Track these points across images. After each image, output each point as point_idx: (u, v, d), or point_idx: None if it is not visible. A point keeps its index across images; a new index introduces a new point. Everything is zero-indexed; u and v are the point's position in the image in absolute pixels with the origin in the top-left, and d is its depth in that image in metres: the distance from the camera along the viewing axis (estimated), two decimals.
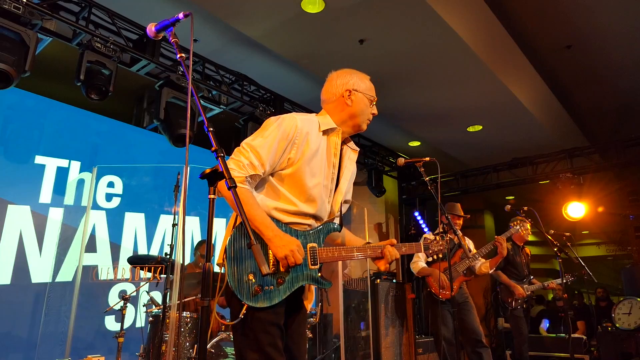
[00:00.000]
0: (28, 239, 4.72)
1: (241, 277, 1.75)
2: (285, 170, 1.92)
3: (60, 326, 4.68)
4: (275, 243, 1.76)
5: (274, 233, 1.78)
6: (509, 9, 5.35)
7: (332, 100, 2.10)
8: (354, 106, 2.07)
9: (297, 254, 1.77)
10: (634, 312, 5.77)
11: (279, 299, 1.78)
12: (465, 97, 6.31)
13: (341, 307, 5.46)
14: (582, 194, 7.21)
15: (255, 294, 1.74)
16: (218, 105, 5.69)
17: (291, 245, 1.77)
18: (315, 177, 1.94)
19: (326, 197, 2.01)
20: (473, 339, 4.30)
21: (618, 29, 5.50)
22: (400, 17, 4.66)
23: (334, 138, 2.04)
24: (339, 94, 2.09)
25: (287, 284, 1.82)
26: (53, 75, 5.37)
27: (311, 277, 1.90)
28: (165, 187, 5.34)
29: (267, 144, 1.86)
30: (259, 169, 1.84)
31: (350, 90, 2.07)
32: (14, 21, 3.77)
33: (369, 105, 2.11)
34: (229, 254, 1.76)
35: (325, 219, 2.03)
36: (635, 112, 7.48)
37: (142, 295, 5.14)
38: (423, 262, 4.62)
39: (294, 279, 1.85)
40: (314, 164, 1.95)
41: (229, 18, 4.71)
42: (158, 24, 1.68)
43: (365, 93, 2.10)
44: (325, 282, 1.93)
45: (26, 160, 4.89)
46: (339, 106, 2.08)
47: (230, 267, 1.74)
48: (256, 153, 1.84)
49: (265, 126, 1.94)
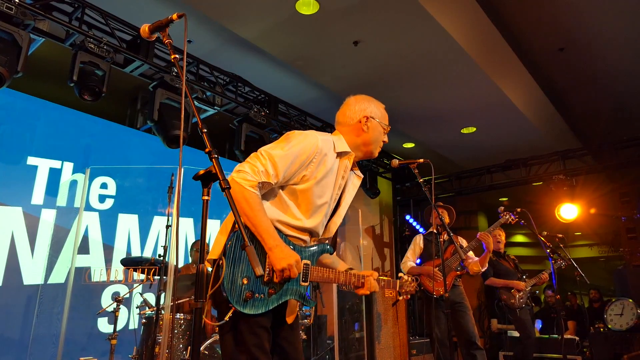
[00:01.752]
0: (20, 241, 4.69)
1: (235, 279, 1.75)
2: (298, 186, 1.93)
3: (52, 328, 4.65)
4: (276, 254, 1.77)
5: (276, 243, 1.78)
6: (502, 12, 5.38)
7: (348, 124, 2.13)
8: (370, 133, 2.11)
9: (295, 268, 1.78)
10: (626, 313, 5.81)
11: (265, 308, 1.79)
12: (459, 99, 6.34)
13: (335, 308, 5.46)
14: (574, 196, 7.25)
15: (246, 299, 1.75)
16: (212, 106, 5.67)
17: (291, 259, 1.78)
18: (323, 197, 1.98)
19: (326, 218, 2.05)
20: (468, 340, 4.30)
21: (610, 31, 5.55)
22: (394, 19, 4.67)
23: (345, 161, 2.07)
24: (356, 119, 2.12)
25: (277, 295, 1.84)
26: (46, 76, 5.33)
27: (299, 294, 1.92)
28: (159, 189, 5.32)
29: (286, 157, 1.87)
30: (273, 179, 1.85)
31: (368, 117, 2.11)
32: (6, 21, 3.75)
33: (382, 133, 2.16)
34: (228, 254, 1.76)
35: (319, 237, 2.07)
36: (628, 114, 7.55)
37: (135, 297, 5.12)
38: (412, 262, 4.65)
39: (284, 292, 1.86)
40: (324, 184, 1.98)
41: (224, 19, 4.71)
42: (152, 25, 1.68)
43: (380, 122, 2.14)
44: (310, 301, 1.98)
45: (18, 161, 4.85)
46: (354, 131, 2.12)
47: (228, 266, 1.74)
48: (274, 163, 1.85)
49: (287, 139, 1.95)
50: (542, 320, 8.08)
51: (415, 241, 4.77)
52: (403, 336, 5.88)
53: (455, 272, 4.44)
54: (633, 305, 5.78)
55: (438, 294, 4.33)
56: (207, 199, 1.47)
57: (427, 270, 4.44)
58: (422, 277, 4.51)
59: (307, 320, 4.78)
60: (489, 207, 10.70)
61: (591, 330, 6.05)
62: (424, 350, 5.99)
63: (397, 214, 9.14)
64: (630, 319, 5.74)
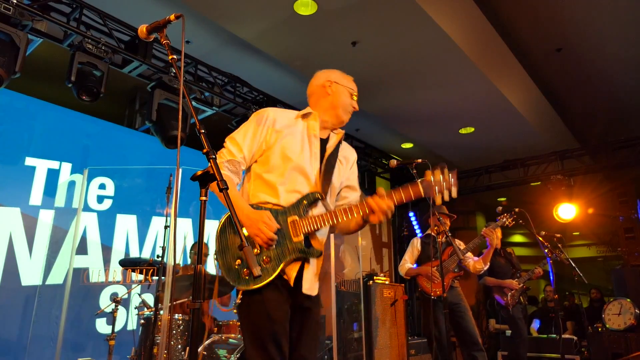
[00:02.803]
0: (18, 241, 4.68)
1: (230, 265, 1.84)
2: (265, 155, 1.99)
3: (50, 329, 4.64)
4: (246, 224, 1.81)
5: (245, 216, 1.82)
6: (500, 13, 5.39)
7: (314, 92, 2.21)
8: (334, 96, 2.16)
9: (265, 229, 1.78)
10: (624, 313, 5.82)
11: (269, 276, 1.80)
12: (458, 100, 6.35)
13: (334, 308, 5.46)
14: (572, 196, 7.27)
15: (246, 276, 1.81)
16: (210, 106, 5.67)
17: (257, 222, 1.78)
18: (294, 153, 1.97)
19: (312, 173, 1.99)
20: (470, 341, 4.29)
21: (608, 32, 5.57)
22: (392, 19, 4.68)
23: (312, 122, 2.10)
24: (319, 84, 2.20)
25: (274, 261, 1.83)
26: (44, 77, 5.33)
27: (298, 249, 1.87)
28: (157, 189, 5.32)
29: (242, 132, 2.02)
30: (237, 154, 1.98)
31: (331, 82, 2.18)
32: (4, 22, 3.75)
33: (349, 97, 2.19)
34: (217, 248, 1.88)
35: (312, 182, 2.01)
36: (625, 115, 7.56)
37: (133, 298, 5.11)
38: (410, 264, 4.64)
39: (280, 255, 1.84)
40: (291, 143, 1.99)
41: (222, 20, 4.71)
42: (150, 26, 1.68)
43: (345, 86, 2.20)
44: (314, 250, 1.91)
45: (16, 162, 4.84)
46: (320, 97, 2.18)
47: (221, 259, 1.85)
48: (232, 140, 2.01)
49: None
50: (541, 320, 8.09)
51: (413, 244, 4.77)
52: (401, 336, 5.89)
53: (452, 274, 4.44)
54: (631, 305, 5.80)
55: (435, 295, 4.33)
56: (205, 200, 1.47)
57: (425, 271, 4.44)
58: (419, 278, 4.51)
59: None
60: (487, 207, 10.70)
61: (589, 330, 6.06)
62: (422, 351, 5.99)
63: (395, 214, 9.14)
64: (628, 318, 5.75)
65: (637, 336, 5.58)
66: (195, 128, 1.55)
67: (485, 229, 4.51)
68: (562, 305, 8.59)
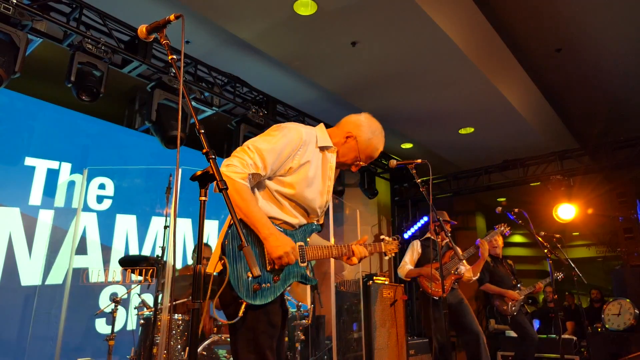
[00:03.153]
0: (17, 241, 4.68)
1: (240, 275, 1.77)
2: (285, 178, 1.97)
3: (50, 329, 4.63)
4: (270, 242, 1.81)
5: (270, 232, 1.82)
6: (500, 13, 5.40)
7: (340, 127, 2.22)
8: (344, 147, 2.16)
9: (292, 255, 1.83)
10: (623, 313, 5.82)
11: (273, 296, 1.84)
12: (457, 100, 6.35)
13: (333, 308, 5.46)
14: (572, 196, 7.27)
15: (255, 291, 1.78)
16: (210, 107, 5.67)
17: (286, 246, 1.81)
18: (311, 187, 2.02)
19: (319, 207, 2.10)
20: (473, 335, 4.29)
21: (608, 32, 5.57)
22: (392, 19, 4.68)
23: (328, 155, 2.13)
24: (345, 129, 2.18)
25: (281, 281, 1.88)
26: (43, 77, 5.33)
27: (301, 275, 1.97)
28: (157, 189, 5.31)
29: (273, 150, 1.91)
30: (262, 171, 1.89)
31: (351, 136, 2.16)
32: (4, 22, 3.74)
33: (352, 159, 2.18)
34: (228, 252, 1.78)
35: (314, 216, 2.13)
36: (625, 115, 7.57)
37: (133, 298, 5.11)
38: (410, 265, 4.63)
39: (287, 277, 1.91)
40: (311, 175, 2.02)
41: (221, 20, 4.71)
42: (149, 26, 1.68)
43: (359, 148, 2.17)
44: (312, 279, 2.04)
45: (16, 162, 4.84)
46: (337, 136, 2.18)
47: (231, 265, 1.77)
48: (262, 156, 1.88)
49: (272, 132, 1.99)
50: (540, 320, 8.09)
51: (413, 247, 4.76)
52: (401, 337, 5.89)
53: (454, 276, 4.44)
54: (630, 305, 5.80)
55: (437, 295, 4.33)
56: (204, 200, 1.47)
57: (426, 271, 4.45)
58: (420, 278, 4.51)
59: (306, 320, 4.77)
60: (487, 207, 10.71)
61: (589, 330, 6.06)
62: (421, 351, 5.99)
63: (395, 215, 9.15)
64: (628, 319, 5.75)
65: (637, 336, 5.58)
66: (195, 128, 1.55)
67: (480, 239, 4.53)
68: (562, 305, 8.59)
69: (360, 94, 6.22)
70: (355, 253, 2.15)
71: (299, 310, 4.74)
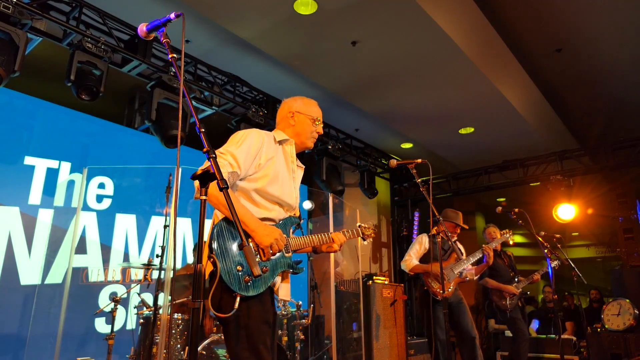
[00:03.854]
0: (17, 241, 4.67)
1: (231, 269, 1.86)
2: (255, 175, 2.10)
3: (49, 328, 4.63)
4: (259, 233, 1.93)
5: (257, 224, 1.95)
6: (500, 12, 5.39)
7: (280, 120, 2.40)
8: (297, 125, 2.35)
9: (280, 242, 1.97)
10: (623, 314, 5.82)
11: (265, 286, 1.94)
12: (457, 99, 6.35)
13: (333, 308, 5.46)
14: (572, 196, 7.27)
15: (247, 283, 1.87)
16: (210, 106, 5.67)
17: (274, 234, 1.96)
18: (280, 179, 2.16)
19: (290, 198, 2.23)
20: (469, 339, 4.30)
21: (608, 32, 5.57)
22: (392, 19, 4.68)
23: (287, 147, 2.30)
24: (284, 115, 2.38)
25: (270, 271, 2.00)
26: (43, 76, 5.32)
27: (287, 264, 2.10)
28: (157, 189, 5.31)
29: (241, 150, 2.05)
30: (237, 169, 2.01)
31: (293, 113, 2.35)
32: (4, 21, 3.74)
33: (311, 125, 2.36)
34: (216, 250, 1.87)
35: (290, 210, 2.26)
36: (625, 115, 7.57)
37: (132, 297, 5.11)
38: (416, 260, 4.58)
39: (275, 267, 2.03)
40: (278, 169, 2.17)
41: (221, 19, 4.70)
42: (149, 24, 1.68)
43: (307, 114, 2.36)
44: (298, 268, 2.16)
45: (15, 161, 4.83)
46: (285, 126, 2.37)
47: (221, 261, 1.85)
48: (233, 156, 2.02)
49: (235, 137, 2.13)
50: (540, 320, 8.09)
51: (421, 241, 4.71)
52: (401, 336, 5.89)
53: (458, 278, 4.44)
54: (630, 306, 5.80)
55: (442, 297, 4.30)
56: (204, 199, 1.47)
57: (434, 271, 4.36)
58: (426, 276, 4.45)
59: (305, 320, 4.77)
60: (487, 207, 10.72)
61: (588, 331, 6.06)
62: (421, 350, 5.99)
63: (394, 214, 9.15)
64: (627, 319, 5.75)
65: (636, 337, 5.58)
66: (195, 127, 1.54)
67: (485, 246, 4.55)
68: (561, 305, 8.59)
69: (360, 93, 6.22)
70: (334, 240, 2.33)
71: (299, 310, 4.74)
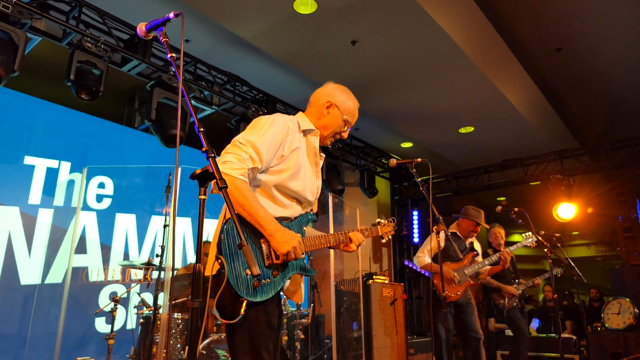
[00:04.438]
0: (17, 241, 4.67)
1: (239, 273, 1.74)
2: (277, 167, 1.96)
3: (49, 328, 4.63)
4: (277, 239, 1.79)
5: (275, 228, 1.80)
6: (500, 12, 5.39)
7: (315, 104, 2.20)
8: (328, 118, 2.16)
9: (299, 250, 1.82)
10: (623, 312, 5.83)
11: (274, 291, 1.82)
12: (457, 99, 6.34)
13: (333, 307, 5.46)
14: (572, 195, 7.27)
15: (255, 288, 1.76)
16: (210, 105, 5.67)
17: (293, 241, 1.81)
18: (302, 173, 2.02)
19: (311, 194, 2.09)
20: (474, 339, 4.27)
21: (608, 32, 5.56)
22: (392, 18, 4.67)
23: (312, 138, 2.14)
24: (322, 102, 2.17)
25: (281, 275, 1.87)
26: (43, 75, 5.32)
27: (300, 267, 1.96)
28: (157, 188, 5.31)
29: (264, 140, 1.89)
30: (258, 163, 1.86)
31: (332, 104, 2.16)
32: (3, 20, 3.74)
33: (340, 126, 2.20)
34: (224, 251, 1.73)
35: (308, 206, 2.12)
36: (625, 114, 7.56)
37: (132, 297, 5.11)
38: (429, 258, 4.41)
39: (287, 270, 1.90)
40: (301, 162, 2.02)
41: (221, 19, 4.70)
42: (148, 24, 1.68)
43: (343, 113, 2.18)
44: (310, 270, 2.03)
45: (15, 161, 4.83)
46: (317, 112, 2.18)
47: (229, 264, 1.73)
48: (255, 148, 1.86)
49: (258, 124, 1.97)
50: (540, 319, 8.09)
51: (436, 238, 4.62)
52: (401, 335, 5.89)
53: (469, 282, 4.34)
54: (630, 305, 5.80)
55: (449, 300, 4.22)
56: (204, 199, 1.47)
57: (446, 273, 4.26)
58: (436, 277, 4.31)
59: (305, 319, 4.77)
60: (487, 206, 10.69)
61: (588, 330, 6.07)
62: (421, 350, 5.99)
63: (395, 214, 9.15)
64: (627, 317, 5.76)
65: (636, 336, 5.58)
66: (195, 127, 1.54)
67: (504, 250, 4.51)
68: (562, 304, 8.59)
69: (360, 92, 6.14)
70: (352, 240, 2.16)
71: (299, 310, 4.74)
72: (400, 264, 8.80)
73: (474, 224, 4.53)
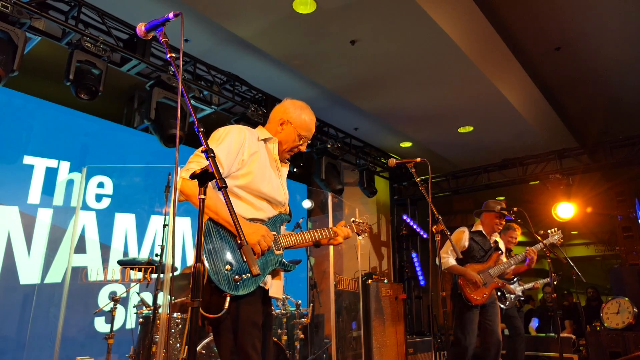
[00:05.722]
0: (16, 240, 4.67)
1: (219, 269, 1.84)
2: (240, 171, 2.07)
3: (49, 328, 4.63)
4: (245, 231, 1.85)
5: (242, 221, 1.87)
6: (499, 11, 5.39)
7: (271, 121, 2.34)
8: (282, 134, 2.28)
9: (267, 238, 1.94)
10: (622, 312, 5.83)
11: (255, 285, 1.91)
12: (456, 98, 6.35)
13: (332, 307, 5.46)
14: (571, 195, 7.28)
15: (236, 282, 1.85)
16: (209, 105, 5.67)
17: (260, 231, 1.93)
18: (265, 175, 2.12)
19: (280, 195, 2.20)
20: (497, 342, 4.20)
21: (607, 31, 5.56)
22: (392, 18, 4.67)
23: (270, 145, 2.25)
24: (276, 120, 2.31)
25: (260, 270, 1.97)
26: (42, 75, 5.31)
27: (279, 262, 2.08)
28: (156, 188, 5.31)
29: (222, 149, 2.00)
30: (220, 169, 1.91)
31: (285, 121, 2.27)
32: (2, 20, 3.73)
33: (296, 140, 2.29)
34: (204, 250, 1.84)
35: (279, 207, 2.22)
36: (623, 114, 7.57)
37: (132, 297, 5.11)
38: (453, 260, 4.24)
39: (265, 265, 2.01)
40: (263, 164, 2.13)
41: (220, 18, 4.70)
42: (148, 24, 1.68)
43: (296, 128, 2.27)
44: (289, 265, 2.13)
45: (14, 161, 4.83)
46: (272, 129, 2.30)
47: (209, 261, 1.83)
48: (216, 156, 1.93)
49: (215, 135, 2.09)
50: (539, 319, 8.10)
51: (459, 238, 4.41)
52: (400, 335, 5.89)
53: (495, 284, 4.26)
54: (629, 304, 5.80)
55: (474, 302, 4.14)
56: (203, 198, 1.47)
57: (471, 276, 4.16)
58: (461, 280, 4.21)
59: (305, 319, 4.77)
60: None
61: (587, 329, 6.07)
62: (420, 349, 6.00)
63: (394, 213, 9.15)
64: (627, 317, 5.76)
65: (636, 335, 5.58)
66: (194, 126, 1.54)
67: (530, 248, 4.39)
68: (561, 304, 8.60)
69: (359, 92, 6.22)
70: (338, 233, 2.31)
71: (298, 309, 4.74)
72: (399, 263, 8.81)
73: (496, 215, 4.40)
